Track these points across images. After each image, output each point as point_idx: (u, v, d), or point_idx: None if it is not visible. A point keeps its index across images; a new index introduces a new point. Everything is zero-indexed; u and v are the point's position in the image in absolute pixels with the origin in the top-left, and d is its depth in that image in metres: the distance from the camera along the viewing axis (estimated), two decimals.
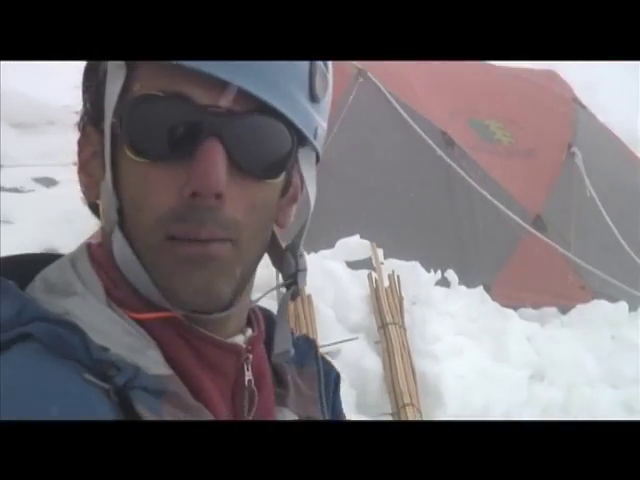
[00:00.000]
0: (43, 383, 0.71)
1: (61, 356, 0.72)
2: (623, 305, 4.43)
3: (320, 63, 0.80)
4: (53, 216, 4.44)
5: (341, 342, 3.64)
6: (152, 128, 0.76)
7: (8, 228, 4.37)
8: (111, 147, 0.77)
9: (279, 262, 0.86)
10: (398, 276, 3.89)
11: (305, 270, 0.86)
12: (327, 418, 0.93)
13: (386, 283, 3.85)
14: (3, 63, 5.35)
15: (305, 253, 0.87)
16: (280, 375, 0.91)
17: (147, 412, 0.72)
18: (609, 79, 7.74)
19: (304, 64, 0.78)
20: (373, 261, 3.96)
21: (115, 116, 0.76)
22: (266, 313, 0.94)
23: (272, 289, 0.91)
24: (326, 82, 0.81)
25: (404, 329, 3.71)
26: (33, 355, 0.72)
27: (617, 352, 4.14)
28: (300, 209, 0.85)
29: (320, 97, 0.80)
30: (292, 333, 0.92)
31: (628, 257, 4.70)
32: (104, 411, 0.70)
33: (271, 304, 0.94)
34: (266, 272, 1.06)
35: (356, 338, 3.71)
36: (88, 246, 0.85)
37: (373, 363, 3.62)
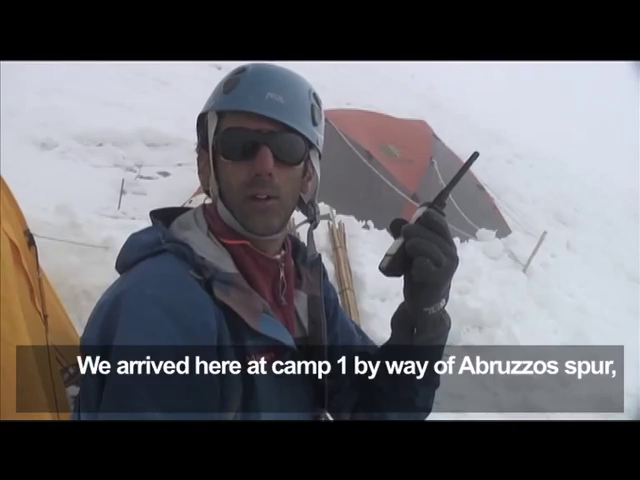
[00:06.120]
0: (170, 269, 0.96)
1: (181, 260, 0.97)
2: (457, 239, 5.10)
3: (316, 105, 1.05)
4: (166, 191, 5.75)
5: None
6: (233, 144, 1.02)
7: (144, 197, 5.87)
8: (213, 157, 1.03)
9: (305, 210, 1.11)
10: (343, 223, 5.02)
11: (319, 213, 1.09)
12: (322, 295, 1.17)
13: (336, 226, 4.92)
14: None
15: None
16: (300, 273, 1.17)
17: (221, 294, 0.96)
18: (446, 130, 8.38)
19: (308, 106, 1.04)
20: (330, 215, 5.02)
21: (214, 140, 1.03)
22: (294, 240, 1.16)
23: (301, 223, 1.13)
24: (320, 114, 1.08)
25: (345, 250, 4.74)
26: (167, 258, 0.99)
27: None
28: (313, 182, 1.10)
29: (318, 122, 1.08)
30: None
31: (459, 214, 5.86)
32: (197, 289, 0.93)
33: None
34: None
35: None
36: (204, 205, 1.09)
37: (329, 267, 4.27)
